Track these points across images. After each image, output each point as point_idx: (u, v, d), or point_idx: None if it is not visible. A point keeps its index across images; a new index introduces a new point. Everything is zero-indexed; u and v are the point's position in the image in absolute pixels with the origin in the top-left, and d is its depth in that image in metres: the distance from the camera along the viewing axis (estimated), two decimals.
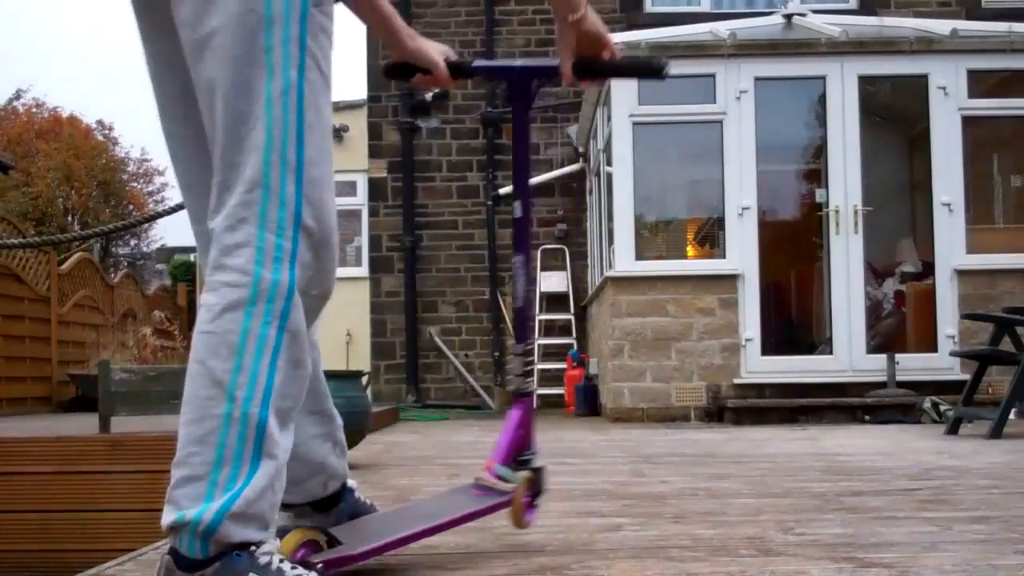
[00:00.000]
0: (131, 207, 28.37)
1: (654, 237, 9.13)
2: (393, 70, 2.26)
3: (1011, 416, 6.12)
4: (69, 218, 26.13)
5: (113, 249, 28.53)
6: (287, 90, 1.70)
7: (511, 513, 2.29)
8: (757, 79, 8.34)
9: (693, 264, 8.78)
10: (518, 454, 2.31)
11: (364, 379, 4.89)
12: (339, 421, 2.18)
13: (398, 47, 2.20)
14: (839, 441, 5.94)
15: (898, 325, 8.93)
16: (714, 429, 7.34)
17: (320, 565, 1.85)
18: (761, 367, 8.16)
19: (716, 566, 2.22)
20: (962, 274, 8.18)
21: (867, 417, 7.71)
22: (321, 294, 1.82)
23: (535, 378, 11.06)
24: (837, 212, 8.21)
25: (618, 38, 8.59)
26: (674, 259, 8.96)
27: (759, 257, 8.26)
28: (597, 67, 2.21)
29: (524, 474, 2.30)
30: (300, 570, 1.71)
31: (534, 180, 11.19)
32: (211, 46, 1.69)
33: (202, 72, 1.72)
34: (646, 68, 2.34)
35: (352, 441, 4.87)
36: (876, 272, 9.00)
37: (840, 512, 3.03)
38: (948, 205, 8.22)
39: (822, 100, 8.42)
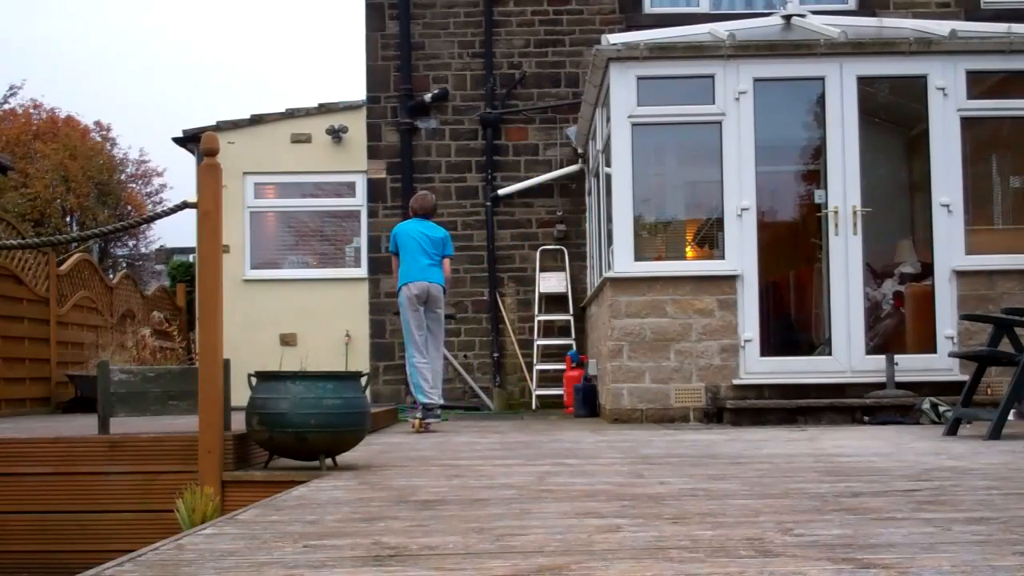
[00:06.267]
0: (129, 208, 28.32)
1: (653, 238, 9.13)
2: None
3: (1010, 417, 6.13)
4: (67, 219, 26.09)
5: (112, 250, 28.50)
6: None
7: None
8: (756, 80, 8.34)
9: (692, 265, 8.77)
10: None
11: (363, 380, 4.89)
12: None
13: None
14: (838, 442, 5.95)
15: (897, 326, 8.94)
16: (713, 430, 7.34)
17: None
18: (760, 368, 8.16)
19: (715, 567, 2.22)
20: (961, 275, 8.18)
21: (866, 418, 7.71)
22: None
23: (535, 378, 11.07)
24: (836, 213, 8.22)
25: (617, 39, 8.60)
26: (673, 260, 8.94)
27: (758, 258, 8.26)
28: None
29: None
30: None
31: (534, 180, 11.22)
32: None
33: None
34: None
35: (351, 441, 4.88)
36: (875, 273, 9.01)
37: (839, 513, 3.03)
38: (947, 206, 8.22)
39: (821, 101, 8.42)
